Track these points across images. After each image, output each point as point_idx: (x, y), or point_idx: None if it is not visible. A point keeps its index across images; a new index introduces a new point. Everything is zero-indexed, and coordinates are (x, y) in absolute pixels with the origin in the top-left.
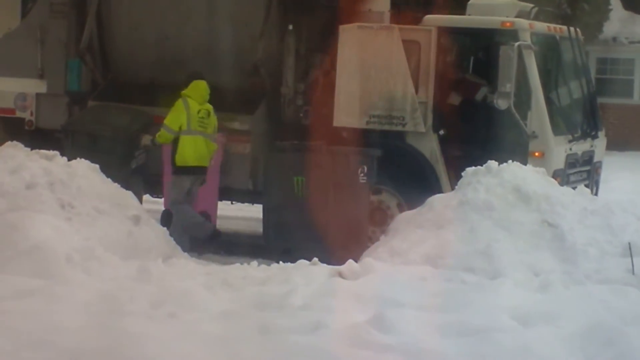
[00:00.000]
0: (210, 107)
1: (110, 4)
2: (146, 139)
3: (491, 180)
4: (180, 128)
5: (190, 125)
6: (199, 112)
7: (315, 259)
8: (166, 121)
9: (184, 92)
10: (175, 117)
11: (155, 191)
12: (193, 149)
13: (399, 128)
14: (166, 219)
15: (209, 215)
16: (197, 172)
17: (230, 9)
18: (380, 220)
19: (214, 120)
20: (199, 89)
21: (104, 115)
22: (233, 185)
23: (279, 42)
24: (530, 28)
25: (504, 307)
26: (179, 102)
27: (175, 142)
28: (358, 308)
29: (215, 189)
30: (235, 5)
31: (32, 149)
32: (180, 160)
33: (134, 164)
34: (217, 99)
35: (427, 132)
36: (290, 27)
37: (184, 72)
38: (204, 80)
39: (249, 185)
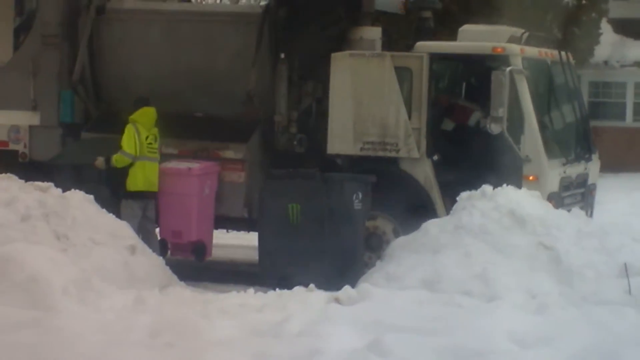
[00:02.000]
0: (156, 131)
1: (102, 34)
2: (100, 162)
3: (486, 204)
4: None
5: (140, 150)
6: (147, 137)
7: (312, 286)
8: (124, 146)
9: (132, 117)
10: (131, 142)
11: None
12: (142, 174)
13: (393, 154)
14: (162, 248)
15: (204, 244)
16: (146, 196)
17: (222, 39)
18: (376, 246)
19: (157, 144)
20: (147, 114)
21: (89, 146)
22: (228, 213)
23: (272, 70)
24: (522, 53)
25: (501, 330)
26: (130, 127)
27: (125, 167)
28: (356, 334)
29: (210, 217)
30: (227, 34)
31: (26, 181)
32: (131, 185)
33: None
34: (211, 128)
35: (420, 157)
36: (282, 55)
37: (176, 103)
38: (151, 106)
39: (244, 213)
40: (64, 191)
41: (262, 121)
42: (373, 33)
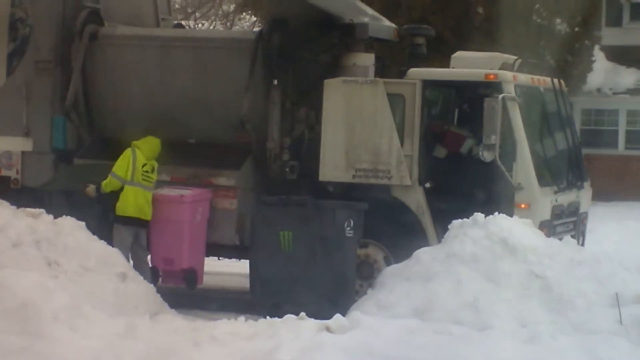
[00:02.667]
0: (155, 163)
1: (95, 60)
2: (91, 189)
3: (478, 233)
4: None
5: (133, 176)
6: (144, 165)
7: (303, 314)
8: (114, 169)
9: (135, 142)
10: (123, 166)
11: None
12: (133, 200)
13: (385, 181)
14: (153, 276)
15: (195, 272)
16: (136, 223)
17: (215, 64)
18: (367, 274)
19: (155, 175)
20: (150, 143)
21: (79, 172)
22: (220, 240)
23: (265, 97)
24: (514, 80)
25: (492, 359)
26: (128, 152)
27: (117, 191)
28: None
29: (202, 244)
30: (220, 60)
31: (18, 207)
32: (120, 210)
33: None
34: (203, 154)
35: (413, 185)
36: (275, 81)
37: (169, 129)
38: (157, 138)
39: (235, 240)
40: (55, 217)
41: (254, 148)
42: (366, 59)
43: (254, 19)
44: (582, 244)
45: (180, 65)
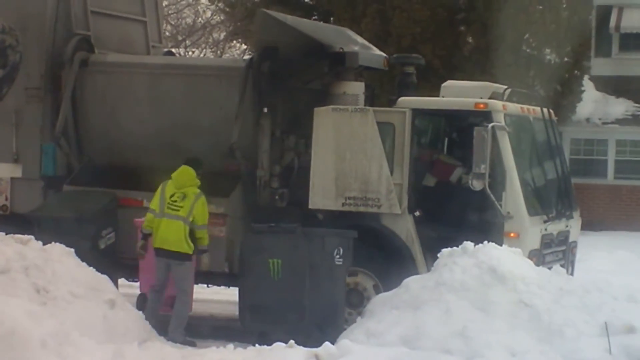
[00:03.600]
0: (188, 191)
1: (85, 88)
2: (140, 244)
3: (467, 261)
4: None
5: (162, 208)
6: (172, 195)
7: (292, 342)
8: (150, 204)
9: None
10: (155, 200)
11: (131, 274)
12: (160, 231)
13: (375, 210)
14: (141, 303)
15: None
16: (161, 254)
17: (205, 92)
18: (356, 302)
19: (188, 203)
20: (182, 172)
21: (68, 199)
22: (209, 268)
23: (255, 124)
24: (504, 109)
25: None
26: (160, 185)
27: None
28: None
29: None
30: (210, 88)
31: (6, 234)
32: (153, 242)
33: (103, 244)
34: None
35: (402, 213)
36: (265, 109)
37: (159, 156)
38: (190, 166)
39: (224, 267)
40: (44, 244)
41: (244, 175)
42: (356, 88)
43: (244, 47)
44: (572, 273)
45: (169, 93)
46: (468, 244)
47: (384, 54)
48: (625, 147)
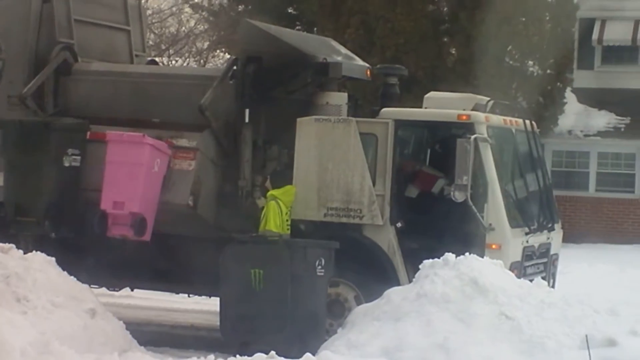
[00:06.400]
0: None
1: (69, 96)
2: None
3: (448, 273)
4: None
5: (283, 228)
6: (285, 213)
7: (273, 352)
8: (271, 225)
9: (273, 192)
10: (277, 220)
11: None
12: None
13: (357, 221)
14: (101, 221)
15: (145, 220)
16: None
17: (188, 101)
18: (337, 313)
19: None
20: (289, 193)
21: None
22: (172, 200)
23: (237, 135)
24: (487, 121)
25: None
26: (273, 205)
27: None
28: None
29: (155, 197)
30: (193, 97)
31: None
32: None
33: (67, 162)
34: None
35: (384, 224)
36: (247, 119)
37: None
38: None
39: (189, 201)
40: (25, 253)
41: (225, 185)
42: (339, 98)
43: (227, 56)
44: (553, 286)
45: (153, 101)
46: (449, 256)
47: (367, 65)
48: (607, 160)
